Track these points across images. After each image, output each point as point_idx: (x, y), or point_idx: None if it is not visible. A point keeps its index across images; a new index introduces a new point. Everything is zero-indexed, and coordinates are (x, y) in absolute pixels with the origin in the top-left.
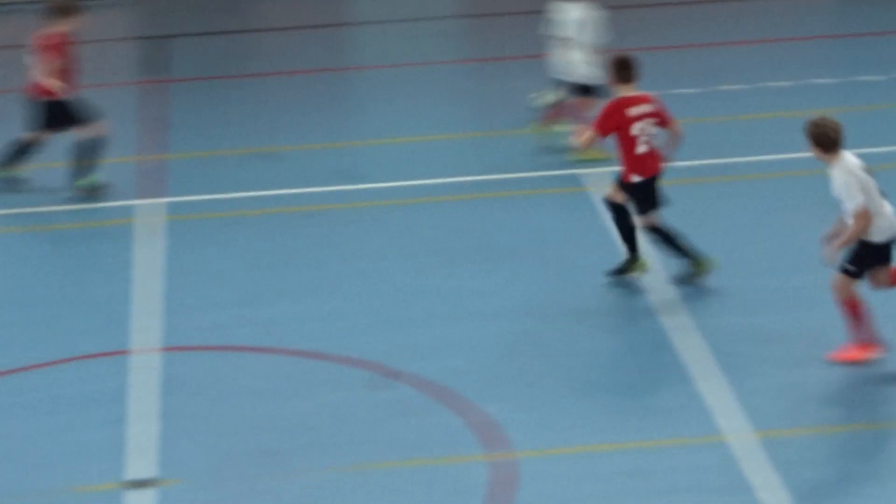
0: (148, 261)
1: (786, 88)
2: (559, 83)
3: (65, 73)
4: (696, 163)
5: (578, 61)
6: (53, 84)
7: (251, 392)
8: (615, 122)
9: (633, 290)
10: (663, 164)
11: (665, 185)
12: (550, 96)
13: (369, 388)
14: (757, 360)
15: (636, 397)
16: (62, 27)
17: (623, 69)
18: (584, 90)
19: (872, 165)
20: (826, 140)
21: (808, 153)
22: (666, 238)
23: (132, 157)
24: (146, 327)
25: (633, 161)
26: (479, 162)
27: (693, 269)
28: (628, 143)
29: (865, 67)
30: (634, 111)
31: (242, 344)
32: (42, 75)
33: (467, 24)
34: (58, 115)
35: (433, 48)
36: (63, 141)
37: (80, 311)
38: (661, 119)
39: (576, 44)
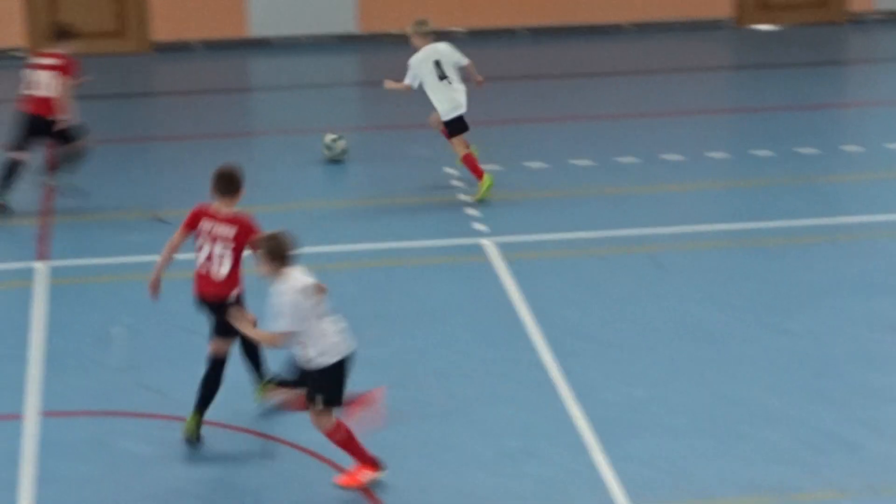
0: (31, 322)
1: (679, 162)
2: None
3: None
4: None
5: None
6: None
7: (134, 457)
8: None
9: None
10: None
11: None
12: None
13: (263, 455)
14: None
15: None
16: (70, 48)
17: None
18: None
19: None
20: (279, 255)
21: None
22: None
23: (19, 219)
24: (25, 391)
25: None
26: (379, 229)
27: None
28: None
29: (758, 141)
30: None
31: (125, 409)
32: (60, 94)
33: (365, 91)
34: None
35: (334, 114)
36: None
37: None
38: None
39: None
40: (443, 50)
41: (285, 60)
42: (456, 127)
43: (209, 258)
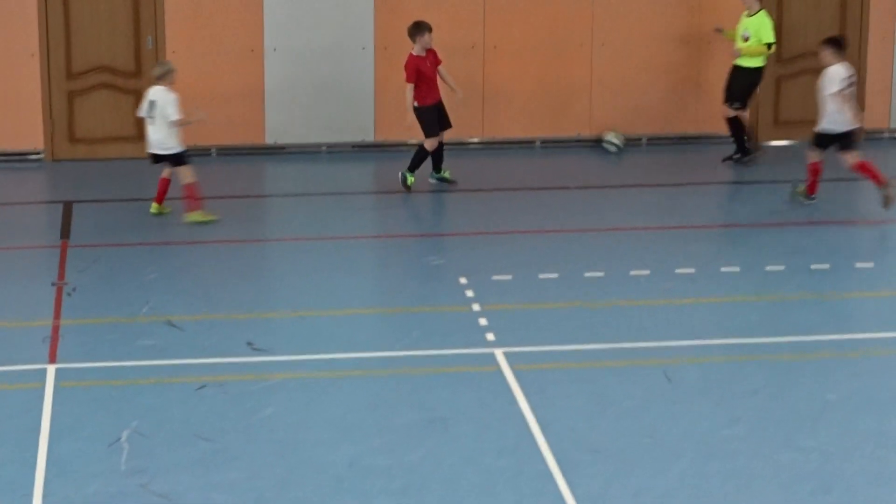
0: (39, 424)
1: (692, 275)
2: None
3: None
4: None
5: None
6: None
7: None
8: None
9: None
10: None
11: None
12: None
13: None
14: None
15: None
16: None
17: None
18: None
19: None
20: None
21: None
22: None
23: (26, 321)
24: (28, 493)
25: None
26: (390, 337)
27: None
28: None
29: (772, 256)
30: None
31: None
32: None
33: (379, 199)
34: None
35: (348, 221)
36: None
37: None
38: None
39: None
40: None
41: (301, 168)
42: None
43: None
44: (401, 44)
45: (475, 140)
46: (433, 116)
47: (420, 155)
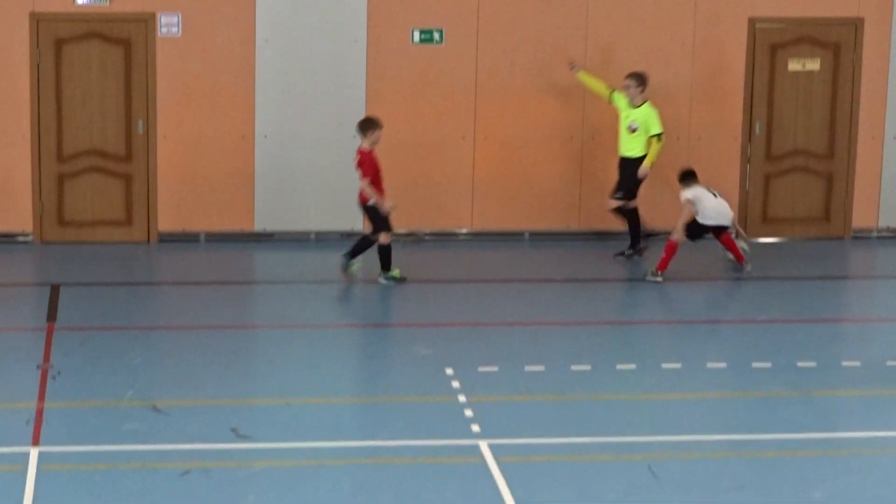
0: None
1: (679, 370)
2: None
3: None
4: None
5: None
6: None
7: None
8: None
9: None
10: None
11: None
12: None
13: None
14: None
15: None
16: None
17: None
18: None
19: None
20: None
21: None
22: None
23: (10, 403)
24: None
25: None
26: (375, 426)
27: None
28: None
29: (759, 353)
30: None
31: None
32: None
33: (365, 287)
34: None
35: (336, 309)
36: None
37: None
38: None
39: None
40: None
41: (289, 255)
42: None
43: None
44: (393, 136)
45: (464, 231)
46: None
47: (383, 252)
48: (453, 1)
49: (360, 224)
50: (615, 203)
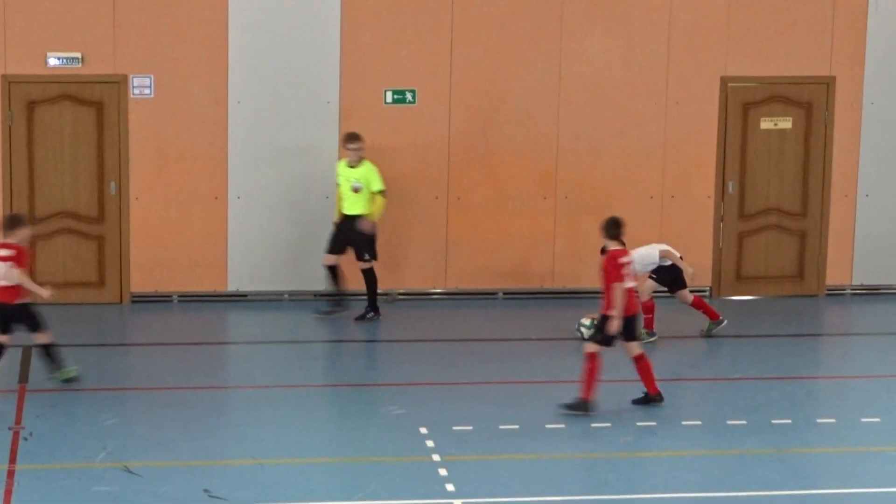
0: None
1: (653, 428)
2: None
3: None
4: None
5: None
6: (38, 289)
7: None
8: None
9: None
10: None
11: None
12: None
13: None
14: None
15: None
16: (20, 237)
17: None
18: None
19: None
20: None
21: None
22: None
23: None
24: None
25: None
26: (349, 487)
27: None
28: None
29: (733, 411)
30: None
31: None
32: (21, 281)
33: (337, 347)
34: (26, 317)
35: (308, 369)
36: None
37: None
38: None
39: None
40: None
41: (262, 315)
42: None
43: None
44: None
45: (438, 290)
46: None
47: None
48: (426, 62)
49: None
50: (366, 265)
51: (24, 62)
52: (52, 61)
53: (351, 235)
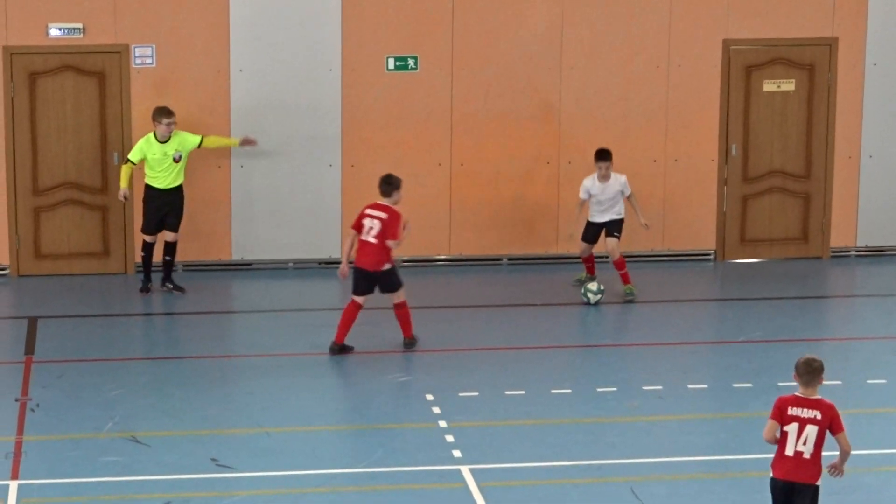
0: None
1: (660, 392)
2: None
3: None
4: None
5: None
6: None
7: None
8: None
9: None
10: None
11: None
12: None
13: None
14: None
15: None
16: None
17: None
18: None
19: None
20: None
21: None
22: None
23: None
24: None
25: None
26: (356, 454)
27: None
28: None
29: (739, 374)
30: None
31: None
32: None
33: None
34: None
35: (312, 340)
36: None
37: None
38: None
39: None
40: None
41: (267, 284)
42: None
43: None
44: (369, 163)
45: (442, 257)
46: None
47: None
48: (427, 28)
49: (337, 252)
50: (174, 237)
51: (26, 33)
52: (54, 32)
53: (165, 210)
